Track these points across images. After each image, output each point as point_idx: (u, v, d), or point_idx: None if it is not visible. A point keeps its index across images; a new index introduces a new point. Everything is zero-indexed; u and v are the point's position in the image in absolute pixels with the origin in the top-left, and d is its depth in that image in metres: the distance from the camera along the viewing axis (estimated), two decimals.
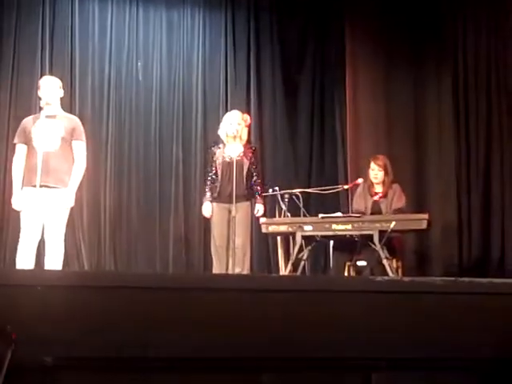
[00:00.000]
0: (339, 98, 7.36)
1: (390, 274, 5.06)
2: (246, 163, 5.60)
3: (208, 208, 5.62)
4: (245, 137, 5.74)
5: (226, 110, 7.09)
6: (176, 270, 6.77)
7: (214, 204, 5.59)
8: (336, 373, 2.14)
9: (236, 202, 5.33)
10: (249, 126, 5.93)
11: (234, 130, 5.60)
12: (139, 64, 7.23)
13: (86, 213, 6.82)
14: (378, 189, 5.75)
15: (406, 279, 2.41)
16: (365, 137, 7.19)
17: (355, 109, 7.19)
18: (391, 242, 5.34)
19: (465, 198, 6.92)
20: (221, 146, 5.71)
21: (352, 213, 5.64)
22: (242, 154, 5.60)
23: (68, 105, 6.26)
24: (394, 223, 5.10)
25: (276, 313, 2.13)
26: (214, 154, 5.69)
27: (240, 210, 5.44)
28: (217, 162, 5.63)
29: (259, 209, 5.65)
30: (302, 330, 2.12)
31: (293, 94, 7.48)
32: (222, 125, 5.76)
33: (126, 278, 2.34)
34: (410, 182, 6.88)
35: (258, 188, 5.68)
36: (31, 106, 6.50)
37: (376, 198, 5.71)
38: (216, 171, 5.62)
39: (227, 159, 5.57)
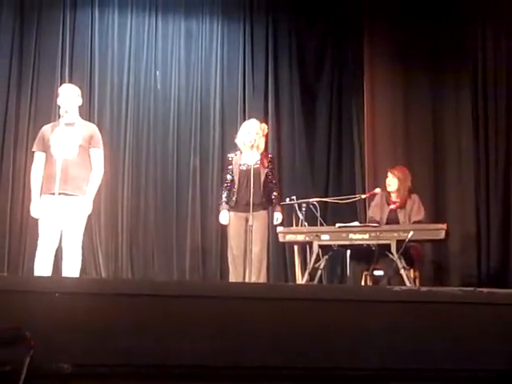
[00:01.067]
0: (357, 106, 7.34)
1: (408, 283, 5.02)
2: (263, 171, 5.58)
3: (225, 216, 5.61)
4: (262, 146, 5.73)
5: (244, 119, 7.10)
6: (193, 278, 6.78)
7: (231, 213, 5.58)
8: (353, 383, 2.12)
9: (253, 211, 5.33)
10: (266, 136, 5.93)
11: (251, 139, 5.60)
12: (157, 73, 7.27)
13: (104, 220, 6.86)
14: (394, 198, 5.72)
15: (424, 289, 2.39)
16: (383, 146, 7.16)
17: (373, 117, 7.16)
18: (409, 251, 5.30)
19: (483, 208, 6.86)
20: (238, 154, 5.71)
21: (366, 222, 5.61)
22: (258, 162, 5.59)
23: (87, 113, 6.32)
24: (411, 233, 5.07)
25: (292, 322, 2.13)
26: (231, 162, 5.69)
27: (257, 219, 5.43)
28: (234, 170, 5.63)
29: (278, 217, 5.64)
30: (318, 340, 2.11)
31: (311, 102, 7.47)
32: (239, 133, 5.76)
33: (143, 285, 2.35)
34: (428, 191, 6.83)
35: (276, 195, 5.68)
36: (51, 114, 6.57)
37: (393, 206, 5.69)
38: (233, 179, 5.63)
39: (244, 167, 5.57)
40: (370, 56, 7.23)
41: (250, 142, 5.60)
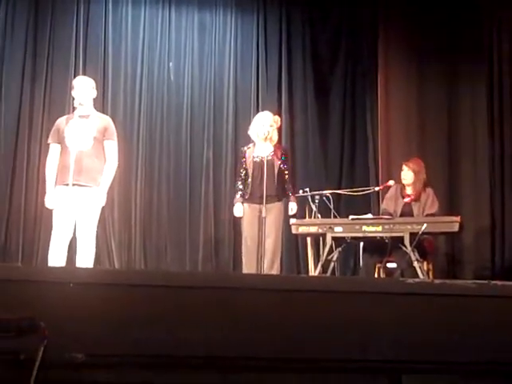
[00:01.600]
0: (371, 99, 7.31)
1: (421, 276, 5.01)
2: (277, 163, 5.58)
3: (239, 209, 5.61)
4: (275, 138, 5.73)
5: (258, 112, 7.08)
6: (205, 269, 6.80)
7: (246, 205, 5.58)
8: (365, 375, 2.12)
9: (267, 203, 5.34)
10: (279, 128, 5.92)
11: (265, 131, 5.59)
12: (171, 65, 7.27)
13: (117, 212, 6.89)
14: (409, 191, 5.70)
15: (437, 282, 2.38)
16: (396, 139, 7.13)
17: (387, 110, 7.13)
18: (422, 244, 5.29)
19: (498, 201, 6.82)
20: (251, 146, 5.71)
21: (380, 214, 5.60)
22: (272, 154, 5.59)
23: (100, 105, 6.33)
24: (425, 225, 5.06)
25: (305, 314, 2.13)
26: (245, 154, 5.69)
27: (271, 211, 5.44)
28: (247, 162, 5.63)
29: (292, 207, 5.62)
30: (330, 331, 2.11)
31: (324, 95, 7.45)
32: (252, 125, 5.76)
33: (156, 276, 2.36)
34: (443, 184, 6.80)
35: (290, 186, 5.67)
36: (65, 106, 6.59)
37: (407, 199, 5.67)
38: (246, 172, 5.63)
39: (258, 159, 5.57)
40: (384, 49, 7.19)
41: (264, 134, 5.60)
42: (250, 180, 5.58)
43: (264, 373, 2.06)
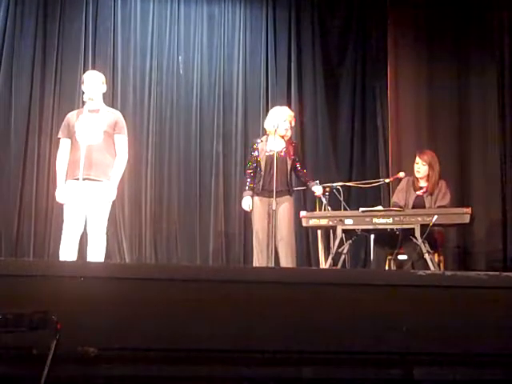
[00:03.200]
0: (381, 90, 7.28)
1: (432, 268, 4.99)
2: (290, 158, 5.59)
3: (248, 202, 5.60)
4: (289, 134, 5.73)
5: (267, 105, 7.09)
6: (216, 263, 6.80)
7: (256, 198, 5.57)
8: (378, 367, 2.12)
9: (278, 196, 5.36)
10: (292, 124, 5.89)
11: (286, 127, 5.59)
12: (180, 58, 7.27)
13: (128, 206, 6.90)
14: (423, 183, 5.66)
15: (448, 273, 2.37)
16: (406, 130, 7.10)
17: (397, 102, 7.10)
18: (433, 235, 5.26)
19: (509, 192, 6.77)
20: (263, 139, 5.70)
21: (390, 207, 5.57)
22: (284, 149, 5.59)
23: (110, 99, 6.34)
24: (435, 217, 5.03)
25: (316, 306, 2.12)
26: (257, 147, 5.68)
27: (282, 204, 5.44)
28: (259, 155, 5.62)
29: (318, 189, 5.59)
30: (342, 324, 2.11)
31: (334, 86, 7.43)
32: (270, 118, 5.72)
33: (166, 270, 2.36)
34: (454, 176, 6.77)
35: (305, 172, 5.70)
36: (74, 101, 6.62)
37: (419, 192, 5.64)
38: (257, 165, 5.62)
39: (269, 153, 5.55)
40: (393, 39, 7.15)
41: (285, 130, 5.59)
42: (261, 173, 5.57)
43: (278, 366, 2.06)
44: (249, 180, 5.65)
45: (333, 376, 2.08)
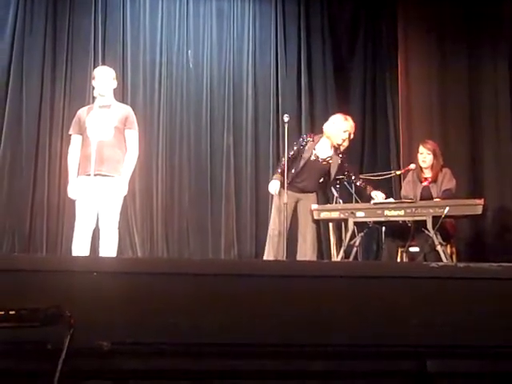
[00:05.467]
0: (391, 80, 7.25)
1: (444, 259, 4.98)
2: (333, 168, 5.49)
3: (276, 186, 5.42)
4: (345, 145, 5.58)
5: (277, 97, 7.10)
6: (227, 256, 6.81)
7: (283, 189, 5.43)
8: (390, 360, 2.12)
9: (304, 193, 5.41)
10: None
11: (345, 138, 5.47)
12: (189, 52, 7.27)
13: (139, 201, 6.92)
14: (427, 174, 5.65)
15: (461, 265, 2.36)
16: (418, 121, 7.07)
17: (408, 93, 7.07)
18: (445, 227, 5.25)
19: None
20: (315, 139, 5.55)
21: (401, 198, 5.56)
22: (329, 160, 5.53)
23: (120, 94, 6.35)
24: (447, 208, 5.01)
25: (328, 299, 2.12)
26: (305, 145, 5.53)
27: (307, 199, 5.43)
28: (304, 154, 5.49)
29: (377, 194, 5.44)
30: (353, 317, 2.11)
31: (344, 78, 7.41)
32: (336, 125, 5.53)
33: (178, 264, 2.37)
34: (466, 167, 6.74)
35: (361, 182, 5.60)
36: (85, 96, 6.64)
37: (425, 183, 5.62)
38: (296, 159, 5.49)
39: (313, 157, 5.48)
40: (404, 28, 7.11)
41: (341, 140, 5.47)
42: (298, 170, 5.46)
43: (290, 359, 2.06)
44: (280, 170, 5.48)
45: (345, 369, 2.08)
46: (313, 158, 5.48)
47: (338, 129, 5.51)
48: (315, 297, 2.11)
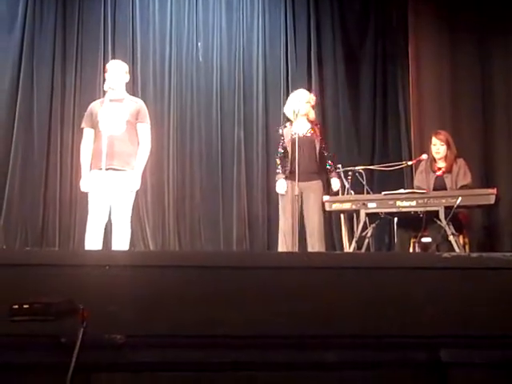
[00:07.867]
0: (402, 72, 7.21)
1: (457, 250, 4.95)
2: (317, 140, 5.57)
3: (282, 184, 5.54)
4: (312, 116, 5.72)
5: (287, 89, 7.06)
6: (239, 249, 6.82)
7: (287, 181, 5.52)
8: (404, 350, 2.11)
9: (308, 180, 5.39)
10: (314, 107, 5.87)
11: (301, 108, 5.57)
12: (199, 45, 7.26)
13: (151, 194, 6.94)
14: (441, 164, 5.62)
15: (474, 255, 2.35)
16: (429, 111, 7.02)
17: (419, 83, 7.02)
18: (457, 217, 5.21)
19: None
20: (287, 124, 5.68)
21: (413, 188, 5.53)
22: (310, 131, 5.58)
23: (130, 87, 6.35)
24: (460, 199, 4.98)
25: (341, 290, 2.12)
26: (282, 133, 5.66)
27: (312, 189, 5.43)
28: (285, 140, 5.60)
29: (335, 184, 5.57)
30: (367, 308, 2.11)
31: (355, 69, 7.37)
32: (288, 103, 5.74)
33: (190, 257, 2.37)
34: (478, 157, 6.69)
35: (331, 163, 5.66)
36: (95, 92, 6.64)
37: (439, 173, 5.59)
38: (285, 150, 5.58)
39: (296, 136, 5.51)
40: (414, 17, 7.06)
41: (305, 110, 5.58)
42: (289, 157, 5.53)
43: (304, 350, 2.06)
44: (279, 164, 5.63)
45: (359, 359, 2.08)
46: (295, 137, 5.48)
47: (294, 102, 5.63)
48: (328, 288, 2.11)
